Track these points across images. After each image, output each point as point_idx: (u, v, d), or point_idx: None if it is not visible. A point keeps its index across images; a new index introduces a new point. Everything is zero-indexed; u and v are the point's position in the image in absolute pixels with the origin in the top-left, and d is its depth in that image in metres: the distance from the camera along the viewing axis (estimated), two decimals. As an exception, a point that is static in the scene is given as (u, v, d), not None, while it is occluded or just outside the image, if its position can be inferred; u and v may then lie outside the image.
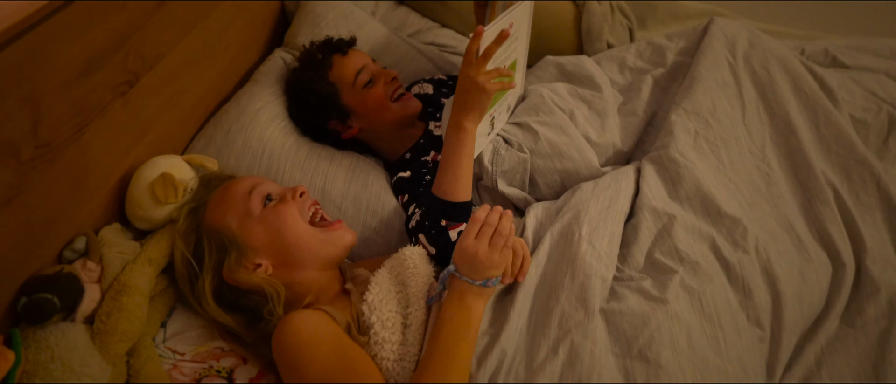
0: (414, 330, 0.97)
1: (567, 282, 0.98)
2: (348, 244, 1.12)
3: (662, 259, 1.05)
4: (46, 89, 0.92)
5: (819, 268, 1.10)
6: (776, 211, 1.18)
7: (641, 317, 0.96)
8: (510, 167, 1.29)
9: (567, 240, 1.05)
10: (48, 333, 0.92)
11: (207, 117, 1.41)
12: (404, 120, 1.45)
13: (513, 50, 1.27)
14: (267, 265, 1.06)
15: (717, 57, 1.41)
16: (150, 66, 1.17)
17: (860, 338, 1.04)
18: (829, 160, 1.28)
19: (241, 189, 1.09)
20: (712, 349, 0.94)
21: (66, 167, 0.99)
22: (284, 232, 1.06)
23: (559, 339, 0.92)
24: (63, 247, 1.03)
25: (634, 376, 0.89)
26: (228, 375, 1.03)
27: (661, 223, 1.11)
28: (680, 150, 1.22)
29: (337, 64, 1.43)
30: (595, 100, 1.42)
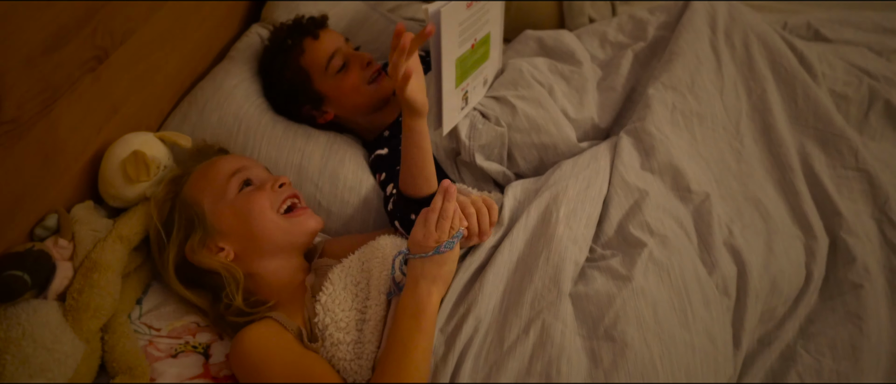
0: (372, 325, 0.96)
1: (542, 263, 0.98)
2: (311, 230, 1.11)
3: (633, 232, 1.06)
4: (9, 65, 0.91)
5: (787, 240, 1.11)
6: (744, 187, 1.19)
7: (607, 297, 0.95)
8: (488, 141, 1.29)
9: (545, 220, 1.05)
10: (19, 310, 0.92)
11: (182, 95, 1.40)
12: (379, 102, 1.42)
13: (485, 22, 1.26)
14: (229, 251, 1.06)
15: (697, 32, 1.40)
16: (121, 42, 1.16)
17: (838, 309, 1.05)
18: (806, 134, 1.28)
19: (225, 169, 1.10)
20: (680, 322, 0.94)
21: (34, 144, 0.98)
22: (250, 220, 1.05)
23: (531, 320, 0.92)
24: (35, 225, 1.02)
25: (601, 357, 0.89)
26: (205, 350, 1.03)
27: (633, 198, 1.11)
28: (656, 124, 1.23)
29: (309, 48, 1.38)
30: (574, 76, 1.42)
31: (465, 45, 1.18)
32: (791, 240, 1.12)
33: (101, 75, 1.11)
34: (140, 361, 0.97)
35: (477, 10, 1.21)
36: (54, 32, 0.98)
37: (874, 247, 1.12)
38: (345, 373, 0.94)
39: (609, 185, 1.15)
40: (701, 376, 0.90)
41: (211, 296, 1.07)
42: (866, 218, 1.17)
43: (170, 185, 1.09)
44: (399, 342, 0.89)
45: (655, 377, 0.86)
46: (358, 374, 0.94)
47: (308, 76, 1.38)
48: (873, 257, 1.10)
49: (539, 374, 0.86)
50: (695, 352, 0.91)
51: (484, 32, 1.28)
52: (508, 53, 1.53)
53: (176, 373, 0.99)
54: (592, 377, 0.87)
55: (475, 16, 1.21)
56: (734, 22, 1.44)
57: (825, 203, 1.18)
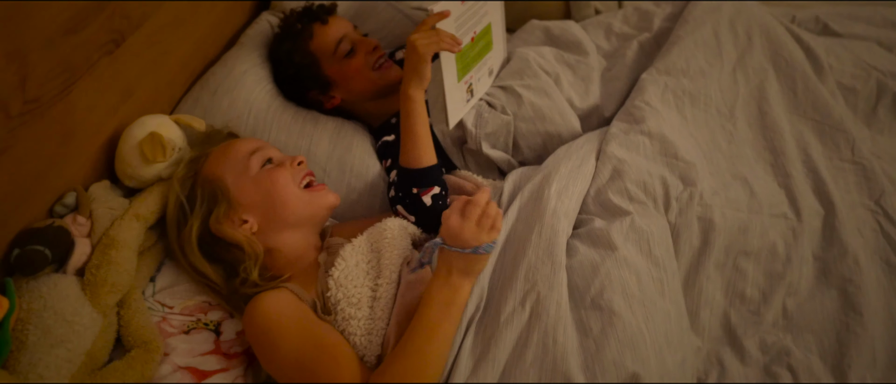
0: (382, 303, 0.98)
1: (535, 238, 1.01)
2: (330, 204, 1.15)
3: (613, 199, 1.08)
4: (32, 46, 0.93)
5: (767, 221, 1.13)
6: (732, 166, 1.21)
7: (591, 267, 0.98)
8: (494, 130, 1.31)
9: (537, 197, 1.08)
10: (40, 284, 0.95)
11: (194, 79, 1.42)
12: (384, 89, 1.45)
13: (484, 14, 1.29)
14: (253, 223, 1.09)
15: (699, 21, 1.43)
16: (136, 26, 1.18)
17: (827, 303, 1.05)
18: (805, 125, 1.30)
19: (244, 148, 1.14)
20: (657, 291, 0.97)
21: (53, 123, 1.01)
22: (274, 193, 1.09)
23: (526, 293, 0.95)
24: (54, 202, 1.05)
25: (590, 326, 0.91)
26: (216, 327, 1.06)
27: (613, 165, 1.13)
28: (646, 100, 1.26)
29: (317, 33, 1.41)
30: (580, 65, 1.44)
31: (463, 40, 1.21)
32: (773, 220, 1.13)
33: (118, 58, 1.14)
34: (154, 336, 1.00)
35: (473, 3, 1.23)
36: (74, 15, 1.01)
37: (867, 241, 1.13)
38: (355, 349, 0.96)
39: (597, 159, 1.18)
40: (676, 344, 0.93)
41: (224, 273, 1.09)
42: (861, 210, 1.19)
43: (190, 164, 1.13)
44: (426, 327, 0.90)
45: (643, 344, 0.89)
46: (367, 350, 0.96)
47: (316, 60, 1.41)
48: (865, 250, 1.11)
49: (536, 344, 0.89)
50: (671, 320, 0.94)
51: (483, 24, 1.30)
52: (514, 43, 1.55)
53: (188, 348, 1.02)
54: (584, 347, 0.89)
55: (472, 10, 1.23)
56: (739, 13, 1.46)
57: (820, 192, 1.19)
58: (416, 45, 1.11)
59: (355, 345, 0.96)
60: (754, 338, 1.01)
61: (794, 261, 1.09)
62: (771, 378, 0.97)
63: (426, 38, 1.11)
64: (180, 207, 1.09)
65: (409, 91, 1.15)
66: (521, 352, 0.89)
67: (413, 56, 1.12)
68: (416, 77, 1.14)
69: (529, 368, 0.87)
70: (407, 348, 0.90)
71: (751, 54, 1.39)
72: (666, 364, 0.89)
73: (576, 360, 0.88)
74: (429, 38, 1.11)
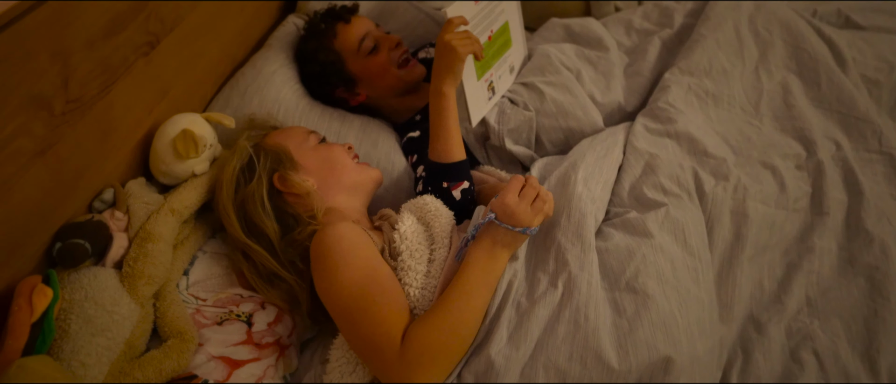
0: (436, 265, 1.01)
1: (563, 221, 1.03)
2: (377, 178, 1.25)
3: (648, 193, 1.10)
4: (74, 48, 0.98)
5: (793, 215, 1.14)
6: (764, 155, 1.21)
7: (627, 251, 1.00)
8: (516, 125, 1.33)
9: (564, 183, 1.10)
10: (81, 276, 0.98)
11: (224, 80, 1.46)
12: (408, 85, 1.48)
13: (500, 12, 1.30)
14: (313, 182, 1.16)
15: (721, 18, 1.43)
16: (170, 29, 1.23)
17: (854, 290, 1.05)
18: (830, 118, 1.30)
19: (301, 128, 1.27)
20: (692, 279, 0.98)
21: (94, 122, 1.05)
22: (332, 160, 1.20)
23: (557, 272, 0.97)
24: (93, 198, 1.09)
25: (624, 307, 0.93)
26: (248, 319, 1.09)
27: (644, 160, 1.16)
28: (670, 101, 1.27)
29: (341, 32, 1.46)
30: (600, 61, 1.45)
31: (481, 39, 1.23)
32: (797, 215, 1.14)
33: (153, 59, 1.18)
34: (189, 327, 1.03)
35: (487, 2, 1.25)
36: (113, 18, 1.05)
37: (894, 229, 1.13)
38: (409, 300, 0.98)
39: (623, 155, 1.20)
40: (708, 332, 0.94)
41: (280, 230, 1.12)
42: (889, 200, 1.18)
43: (245, 141, 1.19)
44: (465, 289, 0.94)
45: (676, 328, 0.90)
46: (418, 303, 0.98)
47: (340, 58, 1.45)
48: (894, 238, 1.10)
49: (567, 321, 0.91)
50: (703, 307, 0.96)
51: (500, 22, 1.32)
52: (535, 41, 1.57)
53: (221, 339, 1.05)
54: (617, 326, 0.91)
55: (485, 10, 1.25)
56: (759, 9, 1.46)
57: (849, 181, 1.19)
58: (454, 45, 1.15)
59: (410, 297, 0.98)
60: (779, 325, 1.02)
61: (816, 252, 1.09)
62: (797, 364, 0.97)
63: (463, 39, 1.16)
64: (244, 167, 1.14)
65: (443, 88, 1.18)
66: (553, 328, 0.91)
67: (451, 55, 1.15)
68: (451, 75, 1.18)
69: (561, 344, 0.89)
70: (446, 304, 0.93)
71: (773, 50, 1.39)
72: (697, 349, 0.91)
73: (608, 338, 0.89)
74: (465, 40, 1.16)
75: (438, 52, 1.17)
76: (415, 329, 0.91)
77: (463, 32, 1.17)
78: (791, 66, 1.37)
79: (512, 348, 0.90)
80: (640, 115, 1.29)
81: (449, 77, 1.18)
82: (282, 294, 1.10)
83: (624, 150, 1.21)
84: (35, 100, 0.92)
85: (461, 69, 1.17)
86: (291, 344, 1.13)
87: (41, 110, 0.93)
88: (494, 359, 0.89)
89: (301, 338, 1.18)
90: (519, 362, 0.89)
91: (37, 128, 0.93)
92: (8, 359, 0.86)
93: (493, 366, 0.89)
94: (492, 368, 0.89)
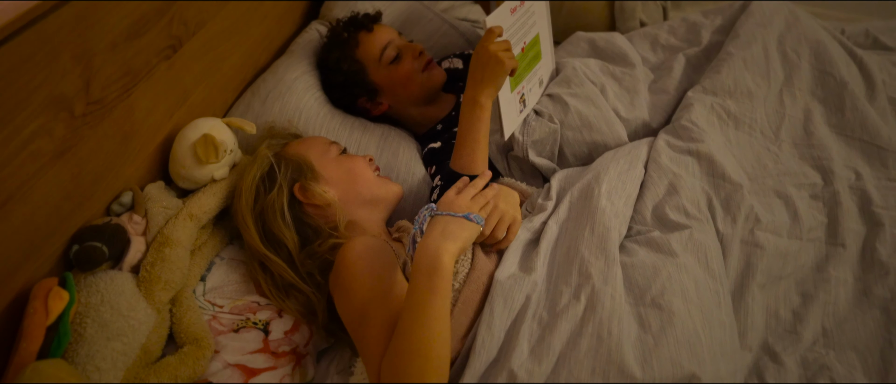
0: (459, 278, 0.99)
1: (587, 235, 1.02)
2: (398, 193, 1.22)
3: (670, 215, 1.09)
4: (97, 49, 0.97)
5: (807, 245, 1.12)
6: (778, 184, 1.20)
7: (653, 267, 0.99)
8: (540, 137, 1.31)
9: (587, 196, 1.09)
10: (98, 279, 0.97)
11: (245, 85, 1.46)
12: (431, 92, 1.46)
13: (532, 24, 1.29)
14: (334, 194, 1.14)
15: (750, 36, 1.41)
16: (193, 33, 1.22)
17: (868, 322, 1.04)
18: (851, 146, 1.28)
19: (323, 138, 1.25)
20: (715, 303, 0.97)
21: (114, 125, 1.04)
22: (353, 172, 1.18)
23: (580, 286, 0.95)
24: (111, 201, 1.08)
25: (649, 322, 0.92)
26: (264, 327, 1.08)
27: (668, 180, 1.14)
28: (692, 120, 1.26)
29: (363, 41, 1.45)
30: (625, 77, 1.43)
31: (515, 50, 1.21)
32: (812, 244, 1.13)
33: (175, 63, 1.18)
34: (205, 333, 1.02)
35: (522, 13, 1.24)
36: (136, 20, 1.05)
37: None
38: None
39: (645, 169, 1.19)
40: (730, 355, 0.93)
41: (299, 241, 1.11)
42: None
43: (267, 149, 1.18)
44: (414, 305, 0.84)
45: (700, 347, 0.89)
46: None
47: (363, 67, 1.44)
48: None
49: (591, 335, 0.89)
50: (725, 330, 0.95)
51: (532, 34, 1.30)
52: (559, 54, 1.55)
53: (237, 346, 1.04)
54: (642, 341, 0.90)
55: (521, 19, 1.24)
56: (789, 29, 1.43)
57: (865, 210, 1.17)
58: (501, 57, 1.12)
59: None
60: (794, 355, 1.01)
61: (832, 283, 1.08)
62: None
63: (507, 51, 1.14)
64: (264, 176, 1.13)
65: (481, 99, 1.16)
66: (576, 342, 0.90)
67: (497, 67, 1.13)
68: (492, 87, 1.16)
69: (584, 358, 0.88)
70: (401, 326, 0.85)
71: (798, 74, 1.37)
72: (720, 371, 0.89)
73: (632, 353, 0.88)
74: (508, 53, 1.14)
75: (480, 62, 1.14)
76: (384, 358, 0.86)
77: (505, 43, 1.14)
78: (816, 92, 1.36)
79: (534, 362, 0.89)
80: (663, 132, 1.28)
81: (490, 88, 1.15)
82: (298, 305, 1.09)
83: (646, 165, 1.20)
84: (56, 101, 0.91)
85: (503, 82, 1.15)
86: (308, 353, 1.11)
87: (62, 111, 0.92)
88: (517, 372, 0.88)
89: (318, 347, 1.16)
90: (541, 376, 0.88)
91: (57, 129, 0.92)
92: (23, 362, 0.85)
93: (515, 380, 0.87)
94: (514, 382, 0.87)
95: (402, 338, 0.84)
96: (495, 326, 0.92)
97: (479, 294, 0.98)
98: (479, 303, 0.97)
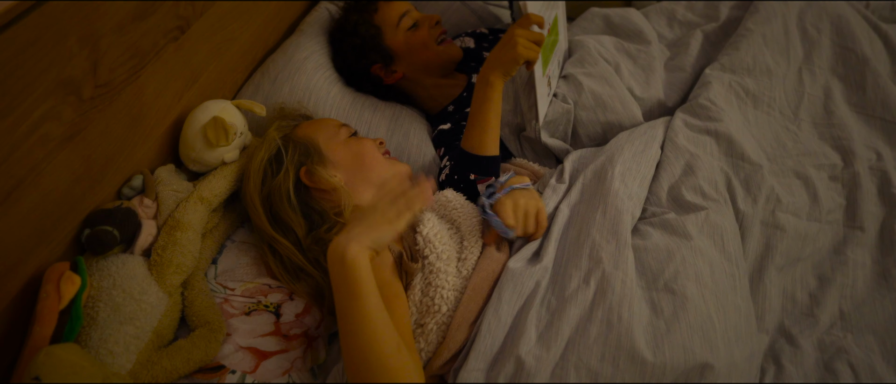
0: (468, 264, 0.99)
1: (599, 217, 1.00)
2: (406, 172, 1.21)
3: (687, 196, 1.07)
4: (103, 31, 0.96)
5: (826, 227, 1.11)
6: (798, 166, 1.18)
7: (666, 251, 0.97)
8: (553, 118, 1.29)
9: (600, 178, 1.07)
10: (109, 263, 0.97)
11: (255, 66, 1.44)
12: (447, 64, 1.46)
13: (552, 6, 1.26)
14: (341, 177, 1.14)
15: (770, 12, 1.37)
16: (200, 13, 1.21)
17: (887, 305, 1.03)
18: (872, 125, 1.26)
19: (333, 121, 1.24)
20: (730, 286, 0.96)
21: (123, 107, 1.03)
22: (362, 155, 1.17)
23: (590, 270, 0.94)
24: (122, 185, 1.08)
25: (661, 307, 0.91)
26: (276, 309, 1.07)
27: (685, 160, 1.12)
28: (710, 98, 1.23)
29: (382, 8, 1.46)
30: (640, 54, 1.40)
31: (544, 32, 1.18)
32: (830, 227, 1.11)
33: (183, 44, 1.16)
34: (217, 316, 1.02)
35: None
36: (143, 2, 1.03)
37: None
38: (440, 301, 0.96)
39: (661, 150, 1.17)
40: (745, 339, 0.92)
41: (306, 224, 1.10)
42: None
43: (275, 131, 1.17)
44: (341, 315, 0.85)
45: (714, 332, 0.88)
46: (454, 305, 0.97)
47: (380, 32, 1.44)
48: None
49: (600, 321, 0.88)
50: (741, 314, 0.94)
51: (553, 15, 1.27)
52: (574, 31, 1.52)
53: (249, 329, 1.03)
54: (654, 326, 0.89)
55: (547, 2, 1.21)
56: (810, 3, 1.40)
57: (885, 192, 1.15)
58: (518, 43, 1.09)
59: (444, 299, 0.96)
60: (811, 338, 1.00)
61: (849, 266, 1.07)
62: (831, 375, 0.95)
63: (529, 41, 1.10)
64: (272, 159, 1.12)
65: (491, 77, 1.14)
66: (585, 327, 0.89)
67: (512, 52, 1.10)
68: (503, 69, 1.13)
69: (593, 344, 0.87)
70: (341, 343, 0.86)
71: (819, 51, 1.34)
72: (734, 356, 0.89)
73: (643, 338, 0.87)
74: (531, 44, 1.10)
75: (504, 42, 1.12)
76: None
77: (535, 34, 1.11)
78: (837, 69, 1.33)
79: (542, 348, 0.88)
80: (680, 111, 1.25)
81: (500, 69, 1.13)
82: (307, 287, 1.08)
83: (662, 145, 1.18)
84: (64, 84, 0.90)
85: (514, 70, 1.13)
86: (319, 335, 1.11)
87: (70, 95, 0.91)
88: (524, 359, 0.87)
89: (329, 329, 1.16)
90: (549, 362, 0.87)
91: (66, 112, 0.91)
92: (36, 346, 0.85)
93: (523, 367, 0.87)
94: (522, 368, 0.87)
95: (343, 340, 0.84)
96: (503, 312, 0.92)
97: (488, 282, 0.97)
98: (489, 292, 0.96)
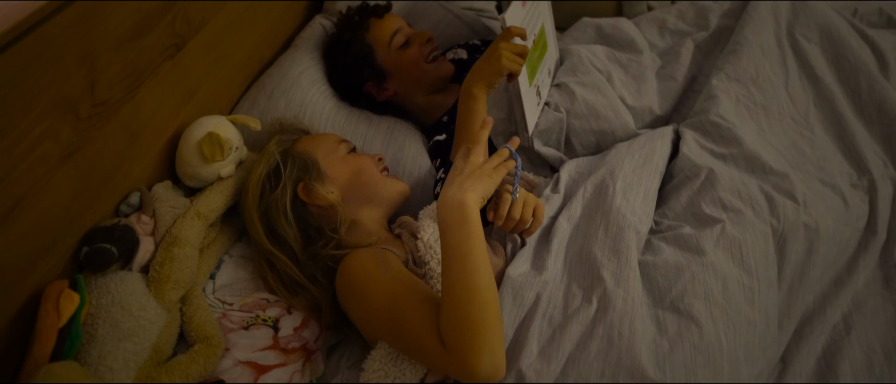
0: None
1: (600, 234, 1.00)
2: (403, 190, 1.22)
3: (705, 209, 1.05)
4: (101, 50, 0.97)
5: (851, 232, 1.10)
6: (821, 173, 1.16)
7: (675, 268, 0.96)
8: (546, 127, 1.30)
9: (601, 193, 1.07)
10: (108, 280, 0.98)
11: (251, 82, 1.46)
12: (437, 82, 1.47)
13: (538, 15, 1.27)
14: (338, 194, 1.14)
15: (762, 21, 1.38)
16: (196, 31, 1.22)
17: (889, 307, 1.03)
18: (870, 129, 1.26)
19: (332, 136, 1.25)
20: (746, 300, 0.94)
21: (120, 125, 1.04)
22: (361, 170, 1.18)
23: (592, 287, 0.94)
24: (119, 202, 1.09)
25: (666, 326, 0.90)
26: (274, 323, 1.08)
27: (704, 174, 1.10)
28: (721, 114, 1.21)
29: (373, 26, 1.46)
30: (632, 64, 1.41)
31: (528, 43, 1.20)
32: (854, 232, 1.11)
33: (180, 61, 1.18)
34: (216, 331, 1.02)
35: (532, 6, 1.22)
36: (139, 20, 1.05)
37: None
38: None
39: (676, 173, 1.15)
40: (756, 353, 0.91)
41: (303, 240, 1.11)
42: None
43: (274, 146, 1.17)
44: (455, 258, 0.85)
45: (719, 354, 0.87)
46: None
47: (372, 51, 1.45)
48: None
49: (601, 337, 0.88)
50: (755, 330, 0.92)
51: (539, 25, 1.29)
52: (566, 41, 1.53)
53: (247, 343, 1.04)
54: (657, 345, 0.88)
55: (531, 12, 1.23)
56: (797, 13, 1.40)
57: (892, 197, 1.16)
58: (501, 56, 1.10)
59: None
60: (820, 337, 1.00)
61: (860, 269, 1.07)
62: (831, 373, 0.95)
63: (512, 54, 1.11)
64: (270, 173, 1.13)
65: (474, 90, 1.16)
66: (586, 344, 0.88)
67: (495, 64, 1.11)
68: (485, 81, 1.15)
69: (593, 360, 0.86)
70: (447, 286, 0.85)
71: (813, 59, 1.34)
72: (741, 376, 0.87)
73: (646, 355, 0.86)
74: (514, 56, 1.11)
75: (487, 54, 1.14)
76: (440, 322, 0.85)
77: (518, 47, 1.12)
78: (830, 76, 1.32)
79: (543, 362, 0.88)
80: (688, 127, 1.23)
81: (482, 81, 1.15)
82: (305, 301, 1.09)
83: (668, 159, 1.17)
84: (62, 103, 0.91)
85: (498, 81, 1.14)
86: (318, 349, 1.11)
87: (68, 113, 0.92)
88: (525, 372, 0.87)
89: (328, 343, 1.16)
90: (549, 377, 0.87)
91: (64, 131, 0.92)
92: (36, 364, 0.86)
93: (523, 380, 0.86)
94: (523, 382, 0.86)
95: (454, 289, 0.83)
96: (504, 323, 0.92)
97: None
98: None
